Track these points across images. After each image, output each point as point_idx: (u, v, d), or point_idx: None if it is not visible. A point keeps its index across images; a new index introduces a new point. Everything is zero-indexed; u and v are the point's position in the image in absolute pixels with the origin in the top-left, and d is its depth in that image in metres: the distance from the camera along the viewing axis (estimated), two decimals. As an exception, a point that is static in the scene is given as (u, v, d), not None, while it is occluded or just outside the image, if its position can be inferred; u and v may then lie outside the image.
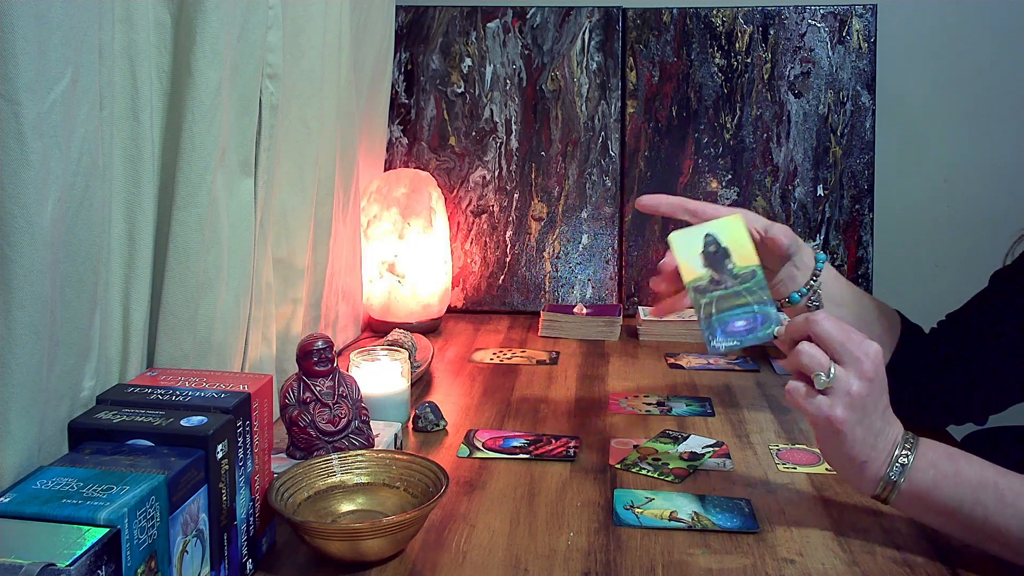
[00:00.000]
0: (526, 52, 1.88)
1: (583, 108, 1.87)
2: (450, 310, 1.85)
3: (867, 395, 0.86)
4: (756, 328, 0.95)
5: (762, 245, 1.03)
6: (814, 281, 1.08)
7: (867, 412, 0.87)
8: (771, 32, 1.84)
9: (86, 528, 0.63)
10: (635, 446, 1.17)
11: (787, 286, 1.09)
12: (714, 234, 0.98)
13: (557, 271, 1.89)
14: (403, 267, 1.68)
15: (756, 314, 0.95)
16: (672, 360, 1.58)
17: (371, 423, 1.08)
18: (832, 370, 0.86)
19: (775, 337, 0.93)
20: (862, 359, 0.86)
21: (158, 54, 0.94)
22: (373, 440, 1.07)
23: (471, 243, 1.90)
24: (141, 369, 0.95)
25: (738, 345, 0.96)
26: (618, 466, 1.11)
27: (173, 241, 0.95)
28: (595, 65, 1.87)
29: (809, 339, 0.88)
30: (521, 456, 1.14)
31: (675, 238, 0.98)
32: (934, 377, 1.17)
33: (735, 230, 0.98)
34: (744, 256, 0.97)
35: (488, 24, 1.88)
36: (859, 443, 0.87)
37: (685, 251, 0.98)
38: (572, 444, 1.18)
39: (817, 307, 1.09)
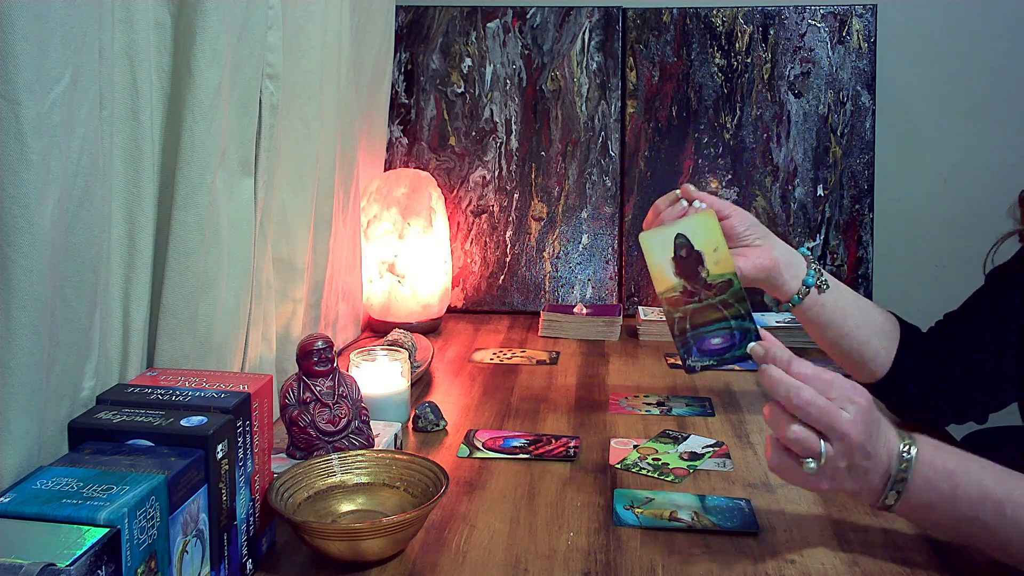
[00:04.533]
0: (526, 52, 1.88)
1: (583, 108, 1.87)
2: (450, 310, 1.85)
3: (852, 464, 0.82)
4: (734, 346, 0.88)
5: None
6: (813, 266, 1.10)
7: (853, 464, 0.82)
8: (771, 32, 1.84)
9: (86, 528, 0.63)
10: (635, 446, 1.17)
11: (788, 285, 1.09)
12: (686, 234, 0.90)
13: (557, 271, 1.89)
14: (403, 267, 1.68)
15: (733, 330, 0.88)
16: (672, 360, 1.58)
17: (371, 423, 1.08)
18: (823, 455, 0.80)
19: (750, 357, 0.87)
20: (848, 432, 0.80)
21: (158, 54, 0.94)
22: (373, 440, 1.07)
23: (471, 243, 1.90)
24: (141, 369, 0.95)
25: (715, 365, 0.90)
26: (618, 466, 1.11)
27: (173, 241, 0.95)
28: (595, 65, 1.87)
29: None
30: (521, 456, 1.14)
31: (645, 239, 0.92)
32: (934, 376, 1.17)
33: (708, 229, 0.90)
34: (719, 261, 0.89)
35: (488, 24, 1.88)
36: (847, 486, 0.85)
37: (656, 254, 0.91)
38: (572, 444, 1.18)
39: (827, 288, 1.10)
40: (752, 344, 0.86)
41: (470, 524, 0.96)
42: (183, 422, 0.77)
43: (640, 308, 1.79)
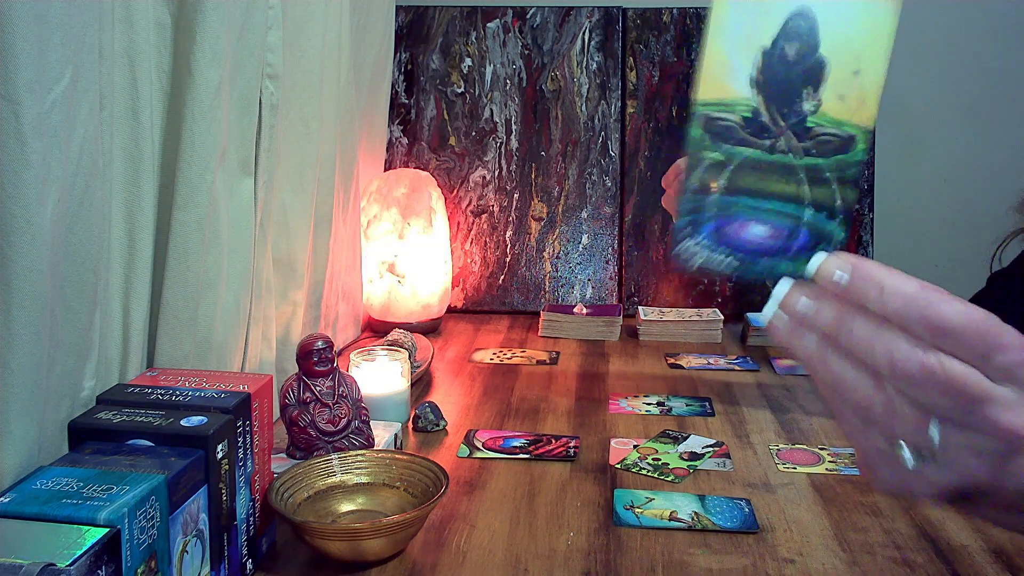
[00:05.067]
0: (526, 52, 1.88)
1: (583, 108, 1.87)
2: (450, 310, 1.85)
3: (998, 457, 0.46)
4: (781, 250, 0.49)
5: None
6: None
7: (999, 457, 0.47)
8: (771, 32, 1.83)
9: (86, 528, 0.63)
10: (635, 446, 1.17)
11: None
12: (813, 15, 0.47)
13: (557, 271, 1.89)
14: (403, 267, 1.68)
15: (799, 224, 0.48)
16: (672, 360, 1.58)
17: (371, 423, 1.08)
18: (936, 436, 0.46)
19: (802, 277, 0.47)
20: (998, 416, 0.45)
21: (158, 54, 0.94)
22: (373, 440, 1.07)
23: (471, 243, 1.90)
24: (141, 369, 0.95)
25: (733, 272, 0.49)
26: (618, 466, 1.11)
27: (173, 241, 0.95)
28: (595, 65, 1.87)
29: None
30: (521, 456, 1.14)
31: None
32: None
33: (869, 25, 0.49)
34: (853, 96, 0.48)
35: (488, 24, 1.88)
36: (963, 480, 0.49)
37: (730, 32, 0.48)
38: (572, 444, 1.18)
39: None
40: (822, 256, 0.46)
41: (470, 524, 0.96)
42: (183, 422, 0.77)
43: (640, 308, 1.79)
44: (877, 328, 0.45)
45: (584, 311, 1.75)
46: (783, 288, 0.47)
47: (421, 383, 1.42)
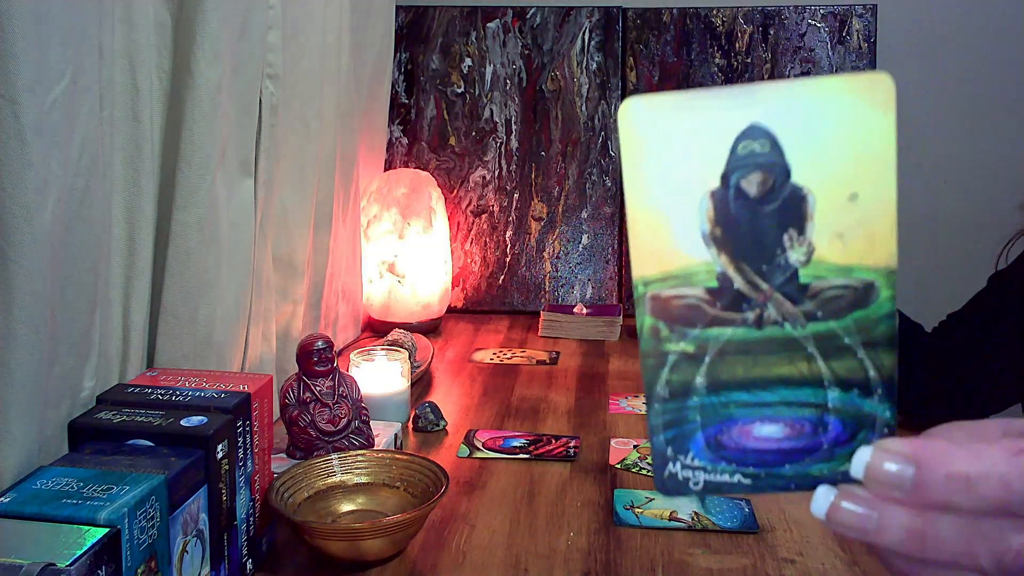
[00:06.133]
0: (526, 52, 1.88)
1: (583, 108, 1.87)
2: (450, 310, 1.84)
3: None
4: (807, 446, 0.39)
5: None
6: None
7: None
8: (771, 32, 1.84)
9: (86, 528, 0.63)
10: (635, 446, 1.17)
11: None
12: (763, 123, 0.36)
13: (557, 271, 1.89)
14: (403, 267, 1.68)
15: (821, 412, 0.38)
16: (672, 360, 1.58)
17: (371, 423, 1.08)
18: None
19: (846, 479, 0.38)
20: None
21: (158, 54, 0.94)
22: (373, 440, 1.07)
23: (471, 243, 1.90)
24: (141, 369, 0.95)
25: (743, 486, 0.39)
26: (618, 466, 1.11)
27: (173, 241, 0.95)
28: (595, 65, 1.87)
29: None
30: (521, 456, 1.14)
31: (635, 111, 0.36)
32: (934, 376, 1.17)
33: (861, 124, 0.38)
34: (855, 231, 0.38)
35: (488, 24, 1.88)
36: None
37: (654, 169, 0.36)
38: (572, 444, 1.18)
39: None
40: (867, 451, 0.36)
41: (470, 524, 0.96)
42: (183, 422, 0.77)
43: (640, 308, 1.79)
44: (972, 524, 0.34)
45: (584, 311, 1.75)
46: (823, 501, 0.38)
47: (421, 383, 1.42)
